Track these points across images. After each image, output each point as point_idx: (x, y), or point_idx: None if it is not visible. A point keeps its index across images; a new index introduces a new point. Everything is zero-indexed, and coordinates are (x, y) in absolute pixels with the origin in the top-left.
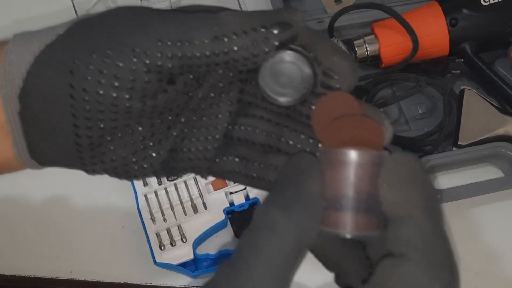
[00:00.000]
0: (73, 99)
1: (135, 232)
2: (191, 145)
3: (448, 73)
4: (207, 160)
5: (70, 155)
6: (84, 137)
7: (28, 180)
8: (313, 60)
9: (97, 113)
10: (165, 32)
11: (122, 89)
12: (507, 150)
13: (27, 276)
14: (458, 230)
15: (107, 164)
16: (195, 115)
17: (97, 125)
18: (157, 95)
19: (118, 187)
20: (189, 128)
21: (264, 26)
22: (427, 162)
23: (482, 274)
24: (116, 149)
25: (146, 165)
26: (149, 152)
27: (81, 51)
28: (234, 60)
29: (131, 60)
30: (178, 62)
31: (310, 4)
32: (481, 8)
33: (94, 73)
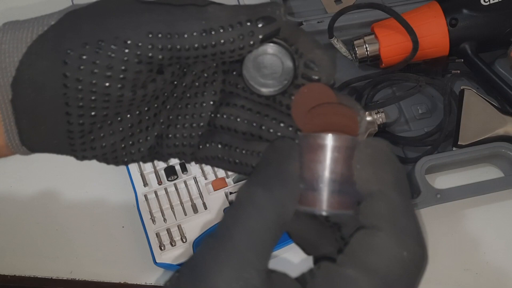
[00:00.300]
0: (66, 88)
1: (135, 232)
2: (177, 132)
3: (448, 73)
4: (191, 147)
5: (61, 142)
6: (75, 125)
7: (29, 180)
8: (294, 52)
9: (90, 102)
10: (155, 25)
11: (114, 79)
12: (507, 150)
13: (27, 276)
14: (458, 230)
15: (97, 151)
16: (180, 103)
17: (89, 113)
18: (147, 84)
19: (118, 187)
20: (174, 116)
21: (250, 20)
22: (427, 162)
23: (482, 274)
24: (106, 136)
25: (133, 151)
26: (137, 138)
27: (74, 41)
28: (221, 52)
29: (123, 51)
30: (168, 54)
31: (310, 4)
32: (481, 8)
33: (88, 63)
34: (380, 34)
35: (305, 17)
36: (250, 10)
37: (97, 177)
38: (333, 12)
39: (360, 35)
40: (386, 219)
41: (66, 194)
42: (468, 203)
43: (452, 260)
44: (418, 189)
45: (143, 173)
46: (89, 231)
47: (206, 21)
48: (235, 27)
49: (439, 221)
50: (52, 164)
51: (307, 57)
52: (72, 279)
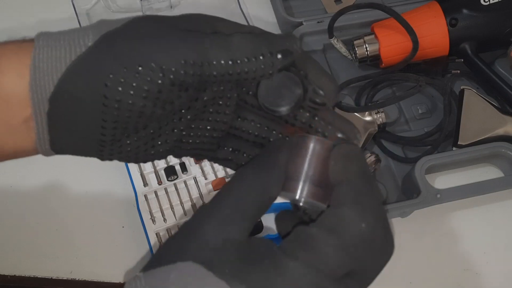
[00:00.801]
0: (105, 107)
1: (135, 232)
2: (195, 138)
3: (448, 73)
4: (207, 150)
5: (91, 148)
6: (108, 136)
7: (29, 180)
8: (304, 78)
9: (125, 118)
10: (189, 53)
11: (149, 99)
12: (507, 150)
13: (27, 276)
14: (458, 230)
15: (122, 154)
16: (200, 114)
17: (122, 126)
18: (174, 101)
19: (118, 187)
20: (194, 124)
21: (271, 52)
22: (427, 162)
23: (482, 274)
24: (132, 142)
25: (153, 152)
26: (158, 142)
27: (115, 66)
28: (243, 79)
29: (158, 76)
30: (197, 78)
31: (310, 4)
32: (481, 8)
33: (127, 86)
34: (380, 34)
35: (305, 17)
36: (271, 43)
37: (97, 177)
38: (333, 12)
39: (360, 35)
40: (350, 198)
41: (66, 194)
42: (468, 203)
43: (452, 260)
44: (418, 189)
45: (143, 173)
46: (89, 231)
47: (232, 52)
48: (258, 58)
49: (439, 221)
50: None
51: (316, 84)
52: (72, 279)
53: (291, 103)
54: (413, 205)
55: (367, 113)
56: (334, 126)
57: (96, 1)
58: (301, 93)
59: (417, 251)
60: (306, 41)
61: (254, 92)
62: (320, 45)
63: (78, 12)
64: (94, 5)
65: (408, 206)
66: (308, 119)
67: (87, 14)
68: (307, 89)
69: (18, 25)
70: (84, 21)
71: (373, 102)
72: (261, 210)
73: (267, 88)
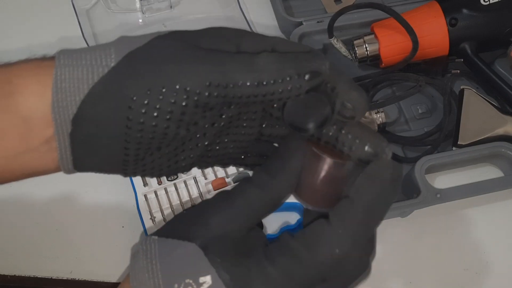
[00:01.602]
0: (128, 129)
1: (135, 232)
2: (220, 151)
3: (448, 73)
4: (233, 159)
5: (114, 167)
6: (132, 156)
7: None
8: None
9: (148, 139)
10: (213, 75)
11: (173, 121)
12: (507, 150)
13: (27, 276)
14: (458, 230)
15: (146, 171)
16: (225, 129)
17: (146, 147)
18: (198, 121)
19: (118, 187)
20: (219, 139)
21: (298, 74)
22: (427, 162)
23: (482, 274)
24: (155, 160)
25: (177, 167)
26: (181, 157)
27: (138, 88)
28: (269, 100)
29: (182, 98)
30: (222, 100)
31: (310, 4)
32: (481, 8)
33: (150, 108)
34: (380, 34)
35: (305, 17)
36: (299, 64)
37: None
38: (333, 12)
39: (360, 35)
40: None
41: (66, 194)
42: (468, 203)
43: (452, 260)
44: (418, 189)
45: None
46: (89, 231)
47: (258, 74)
48: (284, 80)
49: (439, 221)
50: None
51: (344, 97)
52: (72, 279)
53: (318, 123)
54: (413, 205)
55: (367, 113)
56: (362, 140)
57: (96, 1)
58: (328, 113)
59: (417, 251)
60: (306, 41)
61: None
62: (320, 45)
63: (78, 12)
64: (94, 5)
65: (408, 206)
66: (334, 133)
67: (87, 14)
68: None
69: (18, 25)
70: (84, 21)
71: (373, 102)
72: (268, 212)
73: (293, 108)
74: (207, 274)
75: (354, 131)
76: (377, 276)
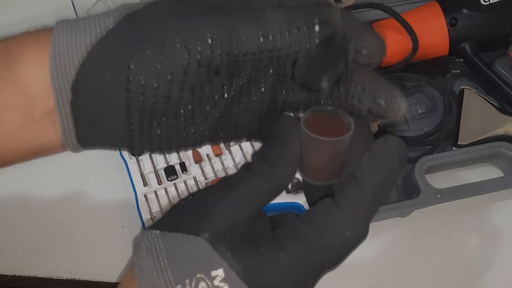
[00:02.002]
0: (129, 92)
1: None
2: (233, 124)
3: (448, 73)
4: (248, 131)
5: (120, 139)
6: (136, 124)
7: (28, 180)
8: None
9: (151, 104)
10: (215, 31)
11: (175, 82)
12: (507, 150)
13: (27, 276)
14: (458, 229)
15: (154, 145)
16: (236, 98)
17: (149, 113)
18: (205, 85)
19: (118, 187)
20: (230, 111)
21: (307, 24)
22: (427, 162)
23: (482, 274)
24: (162, 132)
25: (186, 141)
26: (191, 131)
27: (137, 47)
28: (277, 56)
29: (183, 56)
30: (226, 58)
31: None
32: (481, 8)
33: (150, 68)
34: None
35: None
36: (307, 13)
37: (97, 177)
38: None
39: None
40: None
41: (66, 194)
42: (468, 203)
43: (452, 260)
44: (418, 189)
45: (143, 173)
46: (89, 231)
47: (264, 26)
48: (292, 32)
49: (439, 221)
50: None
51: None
52: (72, 279)
53: (331, 82)
54: (413, 205)
55: None
56: (370, 91)
57: (96, 1)
58: (343, 70)
59: (417, 251)
60: None
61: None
62: None
63: (78, 12)
64: (94, 5)
65: (408, 206)
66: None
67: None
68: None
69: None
70: None
71: None
72: (272, 199)
73: (304, 66)
74: (219, 267)
75: (363, 82)
76: (377, 276)
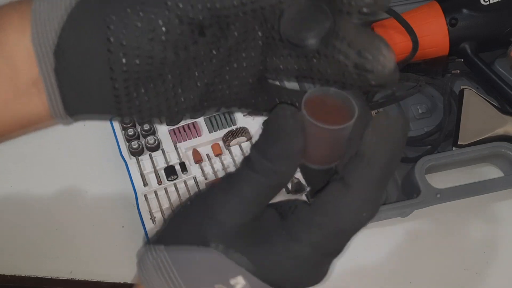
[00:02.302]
0: (110, 53)
1: (135, 232)
2: (224, 91)
3: (448, 73)
4: (240, 100)
5: (107, 106)
6: (121, 89)
7: (29, 180)
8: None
9: (134, 66)
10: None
11: (156, 41)
12: (507, 150)
13: (27, 276)
14: (458, 229)
15: (143, 112)
16: (225, 63)
17: (133, 76)
18: (189, 46)
19: (118, 187)
20: (219, 77)
21: None
22: (427, 162)
23: (482, 274)
24: (151, 98)
25: (177, 109)
26: (181, 99)
27: (116, 6)
28: (260, 8)
29: (164, 14)
30: (208, 13)
31: None
32: (481, 8)
33: (131, 27)
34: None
35: None
36: None
37: (97, 177)
38: None
39: None
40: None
41: (66, 194)
42: (468, 203)
43: (452, 260)
44: (418, 189)
45: (143, 173)
46: (89, 231)
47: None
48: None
49: (439, 221)
50: (52, 164)
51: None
52: (72, 279)
53: (318, 37)
54: (413, 205)
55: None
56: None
57: None
58: (331, 25)
59: (417, 251)
60: None
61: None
62: None
63: None
64: None
65: (408, 206)
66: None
67: None
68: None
69: None
70: None
71: (373, 102)
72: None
73: (290, 19)
74: (237, 275)
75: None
76: (377, 276)
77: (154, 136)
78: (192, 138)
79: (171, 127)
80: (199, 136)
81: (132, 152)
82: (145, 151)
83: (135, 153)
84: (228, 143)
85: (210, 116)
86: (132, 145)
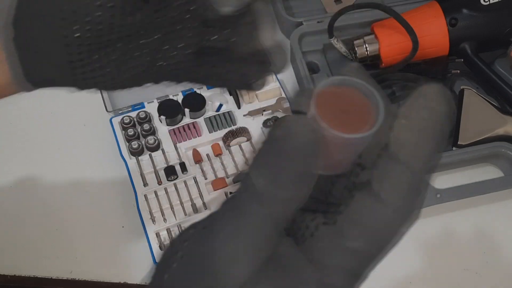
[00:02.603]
0: (63, 21)
1: (135, 232)
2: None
3: (448, 73)
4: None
5: (64, 74)
6: (75, 55)
7: (28, 180)
8: None
9: (85, 32)
10: None
11: (104, 8)
12: (507, 150)
13: (27, 276)
14: (458, 230)
15: (97, 79)
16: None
17: (86, 42)
18: (135, 12)
19: (118, 187)
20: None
21: None
22: None
23: (482, 274)
24: (103, 65)
25: (128, 75)
26: (131, 65)
27: None
28: None
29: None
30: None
31: (310, 4)
32: (481, 8)
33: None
34: (380, 34)
35: (305, 17)
36: None
37: (97, 177)
38: (333, 12)
39: (360, 35)
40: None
41: (66, 194)
42: (468, 203)
43: (452, 260)
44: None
45: (143, 173)
46: (89, 231)
47: None
48: None
49: (439, 221)
50: (52, 164)
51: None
52: (72, 279)
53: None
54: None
55: None
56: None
57: None
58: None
59: (417, 251)
60: (306, 41)
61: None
62: (320, 45)
63: None
64: None
65: None
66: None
67: None
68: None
69: None
70: None
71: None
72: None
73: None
74: None
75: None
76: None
77: (154, 136)
78: (192, 138)
79: (171, 127)
80: (199, 136)
81: (132, 152)
82: (145, 151)
83: (135, 153)
84: (228, 143)
85: (210, 116)
86: (132, 145)
